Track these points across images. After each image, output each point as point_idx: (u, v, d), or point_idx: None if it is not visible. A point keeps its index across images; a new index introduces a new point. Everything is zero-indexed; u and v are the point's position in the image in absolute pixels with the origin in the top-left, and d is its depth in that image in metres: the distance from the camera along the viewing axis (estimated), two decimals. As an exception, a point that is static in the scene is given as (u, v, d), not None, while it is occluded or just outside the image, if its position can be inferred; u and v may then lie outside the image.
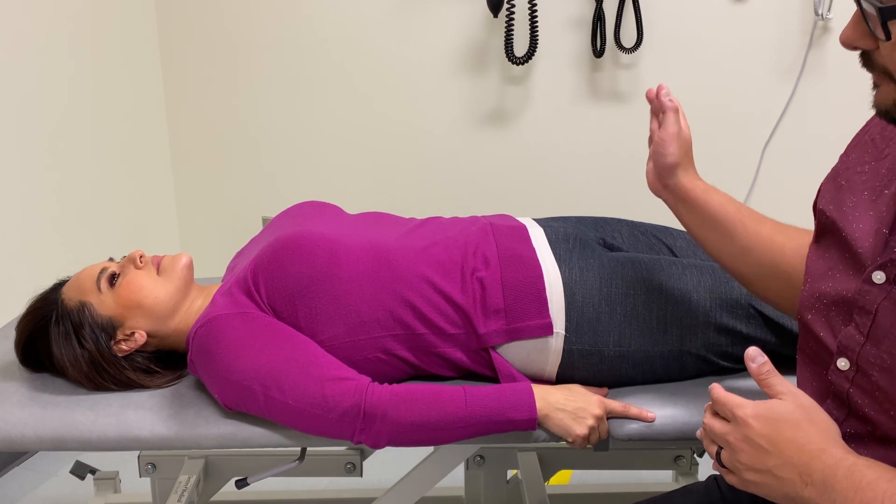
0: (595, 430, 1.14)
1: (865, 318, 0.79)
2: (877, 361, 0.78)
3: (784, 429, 0.76)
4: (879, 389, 0.77)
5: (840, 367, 0.82)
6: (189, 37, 2.48)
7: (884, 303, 0.77)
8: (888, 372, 0.76)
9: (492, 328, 1.21)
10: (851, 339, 0.81)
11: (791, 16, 2.24)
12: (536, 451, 1.67)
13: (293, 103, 2.49)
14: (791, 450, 0.75)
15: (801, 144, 2.34)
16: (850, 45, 0.74)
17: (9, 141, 1.98)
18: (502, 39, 2.24)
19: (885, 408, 0.77)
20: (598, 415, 1.14)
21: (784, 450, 0.75)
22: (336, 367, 1.15)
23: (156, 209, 2.60)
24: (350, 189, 2.53)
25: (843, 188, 0.88)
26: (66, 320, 1.25)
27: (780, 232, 1.08)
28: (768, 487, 0.77)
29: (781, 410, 0.76)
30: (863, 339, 0.79)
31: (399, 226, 1.37)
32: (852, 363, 0.81)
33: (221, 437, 1.17)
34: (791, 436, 0.75)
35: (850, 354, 0.81)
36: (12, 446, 1.19)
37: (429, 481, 1.36)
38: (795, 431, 0.75)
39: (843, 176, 0.89)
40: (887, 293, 0.77)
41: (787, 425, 0.76)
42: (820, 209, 0.90)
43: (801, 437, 0.75)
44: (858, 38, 0.73)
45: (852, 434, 0.82)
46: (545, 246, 1.28)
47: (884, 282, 0.78)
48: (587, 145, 2.41)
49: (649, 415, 1.15)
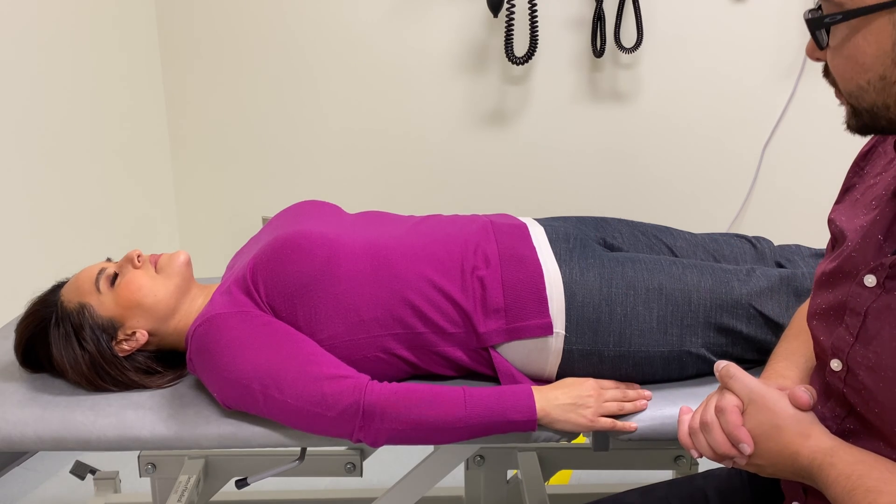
0: (603, 408, 1.15)
1: (856, 319, 0.81)
2: (864, 361, 0.80)
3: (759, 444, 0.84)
4: (865, 388, 0.80)
5: (833, 367, 0.84)
6: (189, 37, 2.48)
7: (873, 306, 0.79)
8: (874, 371, 0.79)
9: (492, 327, 1.21)
10: (842, 341, 0.83)
11: (791, 16, 2.24)
12: (536, 451, 1.67)
13: (293, 103, 2.49)
14: (774, 459, 0.84)
15: (801, 144, 2.34)
16: (812, 57, 0.78)
17: (8, 141, 1.98)
18: (502, 39, 2.24)
19: (871, 406, 0.80)
20: (594, 394, 1.15)
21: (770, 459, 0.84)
22: (335, 366, 1.15)
23: (156, 209, 2.60)
24: (350, 188, 2.53)
25: (858, 202, 0.90)
26: (65, 322, 1.25)
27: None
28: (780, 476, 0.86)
29: (750, 428, 0.84)
30: (852, 339, 0.82)
31: (398, 224, 1.37)
32: (843, 363, 0.83)
33: (221, 437, 1.17)
34: (765, 448, 0.84)
35: (841, 355, 0.83)
36: (12, 446, 1.19)
37: (429, 481, 1.36)
38: (767, 443, 0.84)
39: (859, 190, 0.91)
40: (877, 296, 0.79)
41: (762, 440, 0.84)
42: (831, 218, 0.93)
43: (774, 447, 0.83)
44: (814, 48, 0.77)
45: (851, 430, 0.84)
46: (546, 245, 1.28)
47: (874, 285, 0.80)
48: (587, 145, 2.41)
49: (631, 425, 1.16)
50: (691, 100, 2.35)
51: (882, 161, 0.90)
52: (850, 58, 0.72)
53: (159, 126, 2.57)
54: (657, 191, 2.42)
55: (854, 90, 0.74)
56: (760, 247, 1.44)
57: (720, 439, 0.86)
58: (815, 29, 0.73)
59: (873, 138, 0.92)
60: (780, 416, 0.83)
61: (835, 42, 0.73)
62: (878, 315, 0.79)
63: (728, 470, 1.05)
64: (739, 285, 1.24)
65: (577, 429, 1.15)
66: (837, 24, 0.71)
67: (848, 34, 0.71)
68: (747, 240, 1.46)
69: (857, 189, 0.92)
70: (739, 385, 0.87)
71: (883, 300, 0.79)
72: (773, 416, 0.83)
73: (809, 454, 0.80)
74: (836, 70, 0.75)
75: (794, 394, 0.84)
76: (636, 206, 2.42)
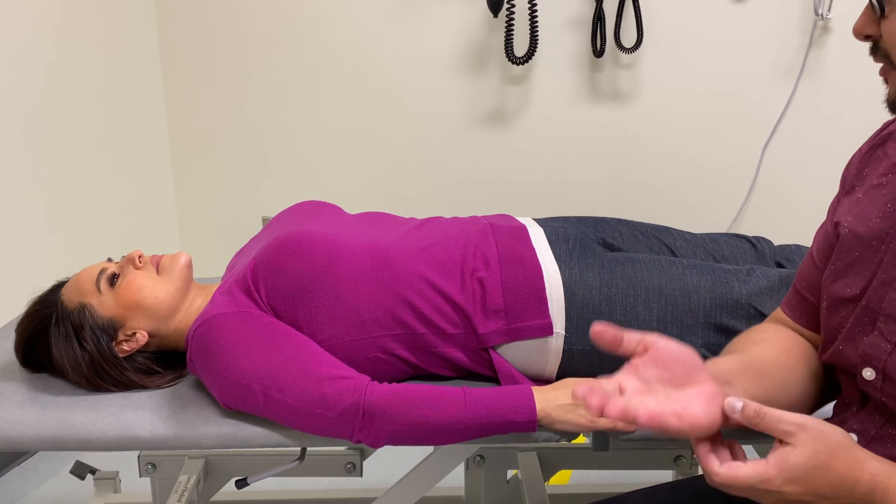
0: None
1: (893, 325, 0.78)
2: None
3: (815, 478, 0.74)
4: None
5: (866, 377, 0.81)
6: (189, 37, 2.49)
7: None
8: None
9: (491, 328, 1.21)
10: (877, 348, 0.80)
11: (791, 16, 2.24)
12: (536, 451, 1.67)
13: (293, 103, 2.49)
14: (831, 492, 0.74)
15: (801, 144, 2.34)
16: (860, 33, 0.75)
17: (8, 141, 1.98)
18: (502, 39, 2.24)
19: None
20: None
21: (826, 494, 0.74)
22: (335, 366, 1.15)
23: (156, 209, 2.60)
24: (350, 189, 2.53)
25: (861, 201, 0.88)
26: (66, 322, 1.25)
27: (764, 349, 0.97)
28: None
29: (803, 462, 0.73)
30: (890, 347, 0.79)
31: (399, 226, 1.37)
32: (878, 371, 0.80)
33: (221, 437, 1.17)
34: (824, 480, 0.74)
35: (876, 363, 0.80)
36: (12, 446, 1.19)
37: (429, 481, 1.36)
38: (826, 474, 0.74)
39: (860, 189, 0.89)
40: None
41: (817, 473, 0.74)
42: (838, 221, 0.90)
43: (833, 478, 0.74)
44: (867, 24, 0.75)
45: (892, 434, 0.82)
46: (545, 246, 1.28)
47: None
48: (587, 145, 2.41)
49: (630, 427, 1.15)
50: (691, 100, 2.35)
51: (884, 163, 0.88)
52: None
53: (159, 126, 2.57)
54: (657, 191, 2.42)
55: None
56: (760, 247, 1.44)
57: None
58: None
59: (871, 139, 0.92)
60: (831, 441, 0.74)
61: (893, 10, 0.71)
62: None
63: None
64: (739, 285, 1.24)
65: (578, 429, 1.15)
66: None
67: None
68: (747, 240, 1.46)
69: (857, 190, 0.90)
70: (776, 417, 0.75)
71: None
72: (825, 442, 0.74)
73: (871, 479, 0.74)
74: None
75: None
76: (636, 206, 2.42)
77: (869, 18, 0.74)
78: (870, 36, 0.76)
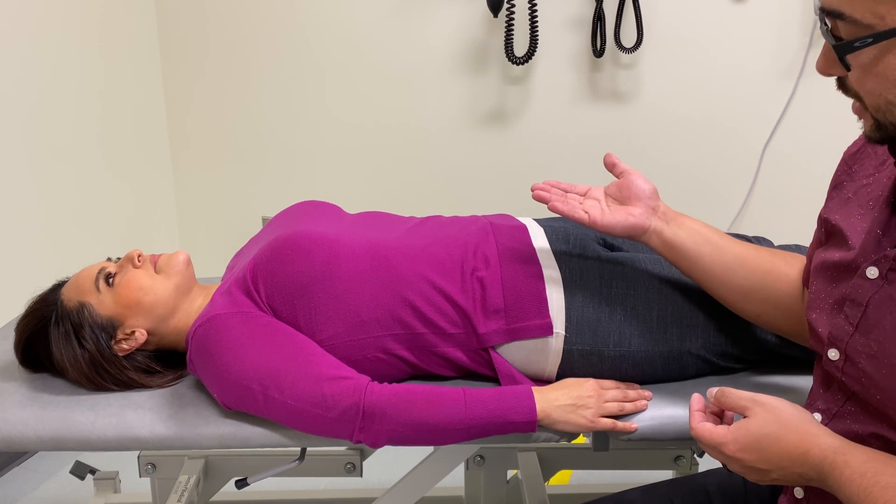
0: (604, 409, 1.15)
1: (856, 310, 0.84)
2: (864, 350, 0.83)
3: (766, 446, 0.84)
4: (866, 376, 0.83)
5: (830, 357, 0.87)
6: (189, 37, 2.49)
7: (875, 296, 0.83)
8: (875, 359, 0.82)
9: (491, 328, 1.21)
10: (841, 331, 0.86)
11: (791, 16, 2.24)
12: (536, 451, 1.67)
13: (293, 103, 2.50)
14: (782, 461, 0.83)
15: (801, 145, 2.34)
16: (824, 73, 0.79)
17: (8, 141, 1.98)
18: (502, 39, 2.24)
19: (872, 392, 0.82)
20: (594, 395, 1.15)
21: (778, 463, 0.84)
22: (335, 367, 1.15)
23: (156, 209, 2.60)
24: (350, 189, 2.53)
25: (850, 200, 0.92)
26: (65, 321, 1.25)
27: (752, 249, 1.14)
28: (783, 482, 0.86)
29: (757, 431, 0.84)
30: (852, 329, 0.84)
31: (398, 225, 1.37)
32: (841, 353, 0.86)
33: (221, 437, 1.17)
34: (775, 450, 0.83)
35: (840, 345, 0.86)
36: (12, 446, 1.19)
37: (429, 481, 1.36)
38: (777, 444, 0.83)
39: (849, 188, 0.94)
40: (879, 287, 0.82)
41: (768, 441, 0.84)
42: (825, 218, 0.95)
43: (784, 448, 0.83)
44: (830, 66, 0.78)
45: (851, 412, 0.86)
46: (545, 245, 1.28)
47: (876, 277, 0.83)
48: (587, 145, 2.41)
49: (631, 426, 1.15)
50: (691, 100, 2.35)
51: (872, 162, 0.92)
52: (881, 75, 0.73)
53: (159, 126, 2.57)
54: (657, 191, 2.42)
55: (882, 105, 0.74)
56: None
57: None
58: (845, 54, 0.73)
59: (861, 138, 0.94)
60: (784, 415, 0.84)
61: (862, 62, 0.73)
62: (880, 305, 0.82)
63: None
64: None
65: (578, 429, 1.15)
66: (868, 46, 0.72)
67: (878, 54, 0.72)
68: (747, 240, 1.46)
69: (846, 188, 0.94)
70: (736, 395, 0.89)
71: (885, 291, 0.82)
72: (777, 415, 0.84)
73: (820, 453, 0.81)
74: (864, 87, 0.75)
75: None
76: (636, 206, 2.42)
77: (832, 61, 0.76)
78: (833, 74, 0.78)
